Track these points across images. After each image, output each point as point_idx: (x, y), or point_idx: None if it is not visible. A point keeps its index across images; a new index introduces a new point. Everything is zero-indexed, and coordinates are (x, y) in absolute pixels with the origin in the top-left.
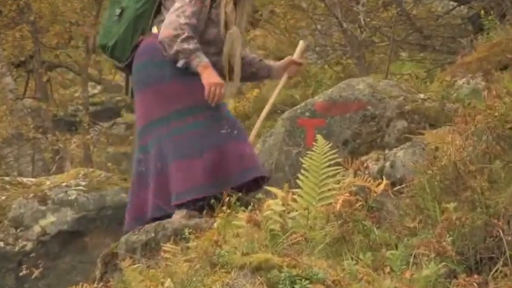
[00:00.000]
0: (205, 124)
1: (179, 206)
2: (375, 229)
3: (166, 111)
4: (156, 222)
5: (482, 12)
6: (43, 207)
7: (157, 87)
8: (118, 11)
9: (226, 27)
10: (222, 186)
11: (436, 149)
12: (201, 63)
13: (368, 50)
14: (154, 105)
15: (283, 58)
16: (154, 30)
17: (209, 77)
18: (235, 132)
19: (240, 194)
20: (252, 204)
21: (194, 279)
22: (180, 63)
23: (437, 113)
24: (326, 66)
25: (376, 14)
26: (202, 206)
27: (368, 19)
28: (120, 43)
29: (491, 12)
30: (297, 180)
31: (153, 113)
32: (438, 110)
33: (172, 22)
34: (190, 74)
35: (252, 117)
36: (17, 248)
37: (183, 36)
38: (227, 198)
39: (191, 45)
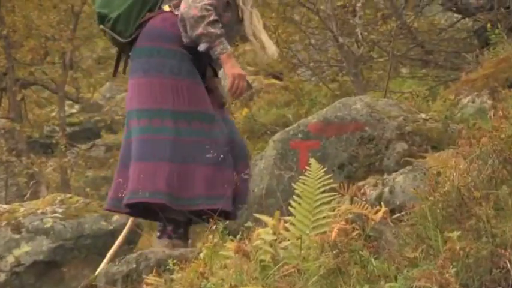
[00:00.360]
0: (198, 133)
1: (161, 236)
2: (373, 260)
3: (165, 105)
4: (138, 252)
5: (489, 25)
6: (17, 236)
7: (170, 80)
8: None
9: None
10: (181, 201)
11: (439, 173)
12: (225, 50)
13: (366, 66)
14: (156, 95)
15: (274, 74)
16: (166, 8)
17: (234, 67)
18: (221, 157)
19: (227, 222)
20: (240, 233)
21: None
22: (201, 47)
23: (440, 135)
24: (321, 83)
25: (374, 27)
26: (182, 234)
27: (365, 33)
28: (123, 16)
29: (498, 26)
30: (289, 207)
31: (153, 102)
32: (441, 131)
33: (196, 0)
34: (200, 75)
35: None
36: None
37: (210, 19)
38: (214, 226)
39: (217, 30)
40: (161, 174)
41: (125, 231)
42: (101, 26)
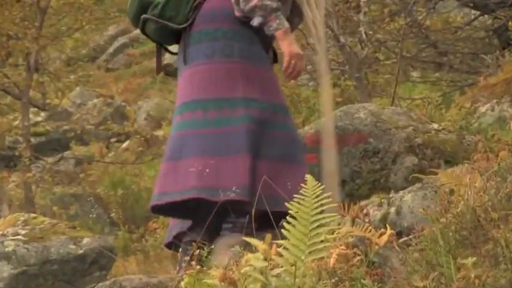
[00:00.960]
0: (278, 127)
1: (233, 230)
2: None
3: (235, 92)
4: (112, 280)
5: (510, 23)
6: None
7: (240, 64)
8: None
9: None
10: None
11: (452, 192)
12: (282, 26)
13: (371, 70)
14: (224, 83)
15: None
16: None
17: (291, 45)
18: (293, 154)
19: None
20: (227, 258)
21: None
22: (254, 22)
23: (454, 147)
24: (320, 89)
25: (380, 25)
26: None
27: (371, 32)
28: (174, 0)
29: None
30: (283, 230)
31: (221, 90)
32: (455, 143)
33: None
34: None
35: None
36: None
37: None
38: (197, 251)
39: (274, 3)
40: (242, 167)
41: None
42: (144, 16)
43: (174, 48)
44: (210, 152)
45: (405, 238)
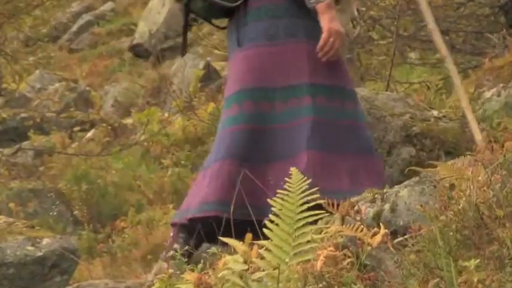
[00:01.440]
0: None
1: None
2: None
3: (301, 78)
4: (75, 285)
5: None
6: None
7: (306, 44)
8: None
9: None
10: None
11: (452, 186)
12: None
13: (364, 50)
14: (283, 68)
15: None
16: None
17: (332, 21)
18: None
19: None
20: (202, 260)
21: None
22: None
23: (456, 137)
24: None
25: (374, 1)
26: None
27: (364, 8)
28: None
29: None
30: (265, 229)
31: (286, 75)
32: (457, 132)
33: None
34: None
35: (207, 141)
36: None
37: None
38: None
39: None
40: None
41: None
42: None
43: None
44: (280, 155)
45: (401, 238)
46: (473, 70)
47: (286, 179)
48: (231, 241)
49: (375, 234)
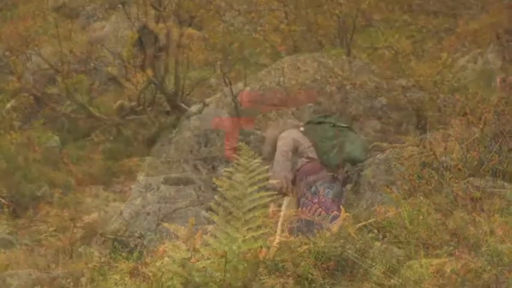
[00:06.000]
0: None
1: None
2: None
3: None
4: None
5: None
6: None
7: None
8: None
9: None
10: None
11: (424, 165)
12: None
13: (322, 10)
14: None
15: (191, 21)
16: None
17: None
18: None
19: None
20: (138, 248)
21: None
22: None
23: (427, 109)
24: (257, 34)
25: None
26: None
27: None
28: None
29: None
30: (209, 212)
31: None
32: (428, 104)
33: None
34: None
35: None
36: None
37: None
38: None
39: None
40: None
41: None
42: None
43: None
44: None
45: (364, 222)
46: (447, 34)
47: (234, 155)
48: (172, 226)
49: (334, 218)
